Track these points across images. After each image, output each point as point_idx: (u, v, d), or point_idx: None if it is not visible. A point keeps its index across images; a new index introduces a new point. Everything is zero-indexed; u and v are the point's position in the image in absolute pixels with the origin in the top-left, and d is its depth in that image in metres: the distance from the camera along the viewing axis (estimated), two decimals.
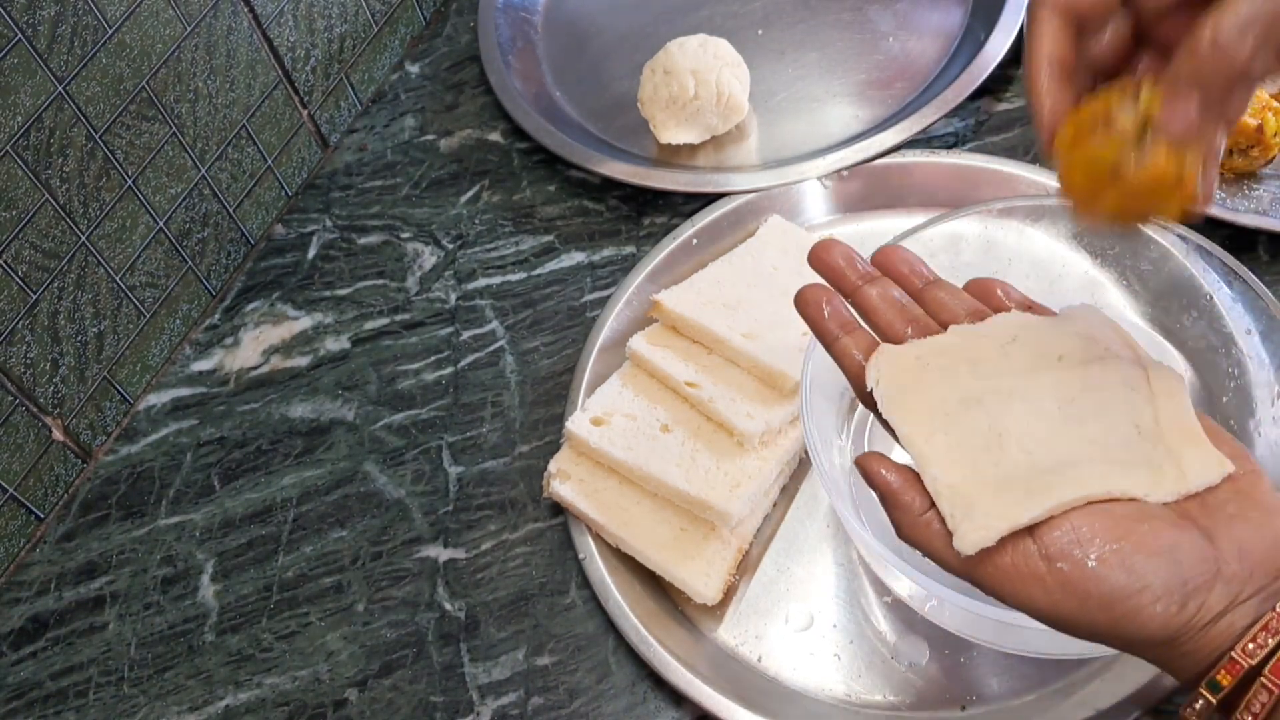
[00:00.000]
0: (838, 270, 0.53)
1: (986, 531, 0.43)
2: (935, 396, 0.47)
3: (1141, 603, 0.41)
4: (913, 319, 0.51)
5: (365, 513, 0.73)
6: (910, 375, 0.48)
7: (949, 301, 0.52)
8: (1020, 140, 0.82)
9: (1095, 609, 0.41)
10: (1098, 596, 0.41)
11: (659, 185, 0.83)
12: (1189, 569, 0.41)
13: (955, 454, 0.45)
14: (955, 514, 0.44)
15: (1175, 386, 0.47)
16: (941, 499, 0.45)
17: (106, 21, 0.71)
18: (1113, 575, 0.41)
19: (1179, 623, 0.41)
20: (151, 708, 0.68)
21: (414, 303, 0.83)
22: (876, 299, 0.52)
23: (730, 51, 0.86)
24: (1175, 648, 0.42)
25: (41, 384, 0.73)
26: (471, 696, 0.65)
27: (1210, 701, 0.41)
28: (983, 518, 0.43)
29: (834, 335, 0.52)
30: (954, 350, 0.48)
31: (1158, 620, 0.41)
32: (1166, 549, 0.42)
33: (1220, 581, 0.41)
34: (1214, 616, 0.41)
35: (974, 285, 0.53)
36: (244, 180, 0.86)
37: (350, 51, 0.94)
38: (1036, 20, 0.45)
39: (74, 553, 0.75)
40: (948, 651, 0.62)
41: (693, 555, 0.65)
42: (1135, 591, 0.41)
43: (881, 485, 0.47)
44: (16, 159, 0.68)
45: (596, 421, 0.70)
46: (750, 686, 0.62)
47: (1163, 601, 0.41)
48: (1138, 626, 0.41)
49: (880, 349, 0.49)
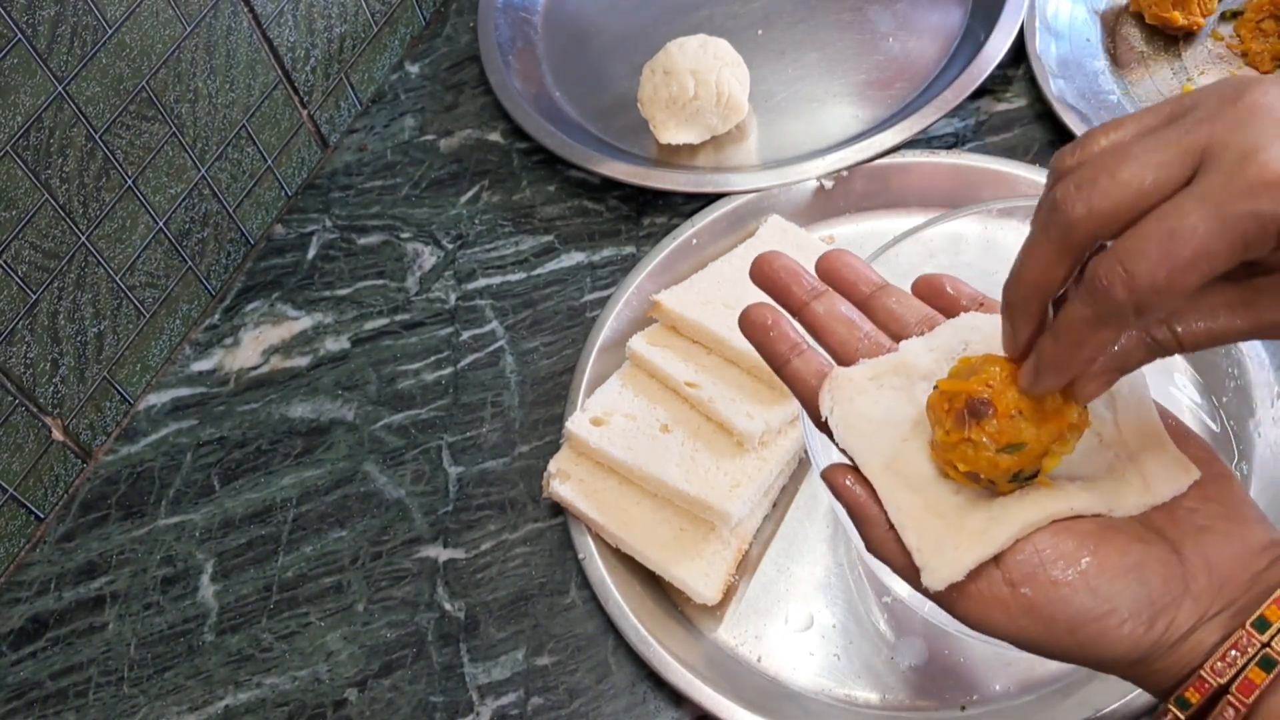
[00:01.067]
0: (782, 286, 0.51)
1: (953, 567, 0.42)
2: (891, 421, 0.46)
3: (1108, 625, 0.41)
4: (863, 334, 0.49)
5: (365, 513, 0.73)
6: (866, 399, 0.47)
7: (898, 310, 0.50)
8: (1020, 140, 0.82)
9: (1062, 633, 0.41)
10: (1063, 620, 0.41)
11: (659, 185, 0.83)
12: (1156, 588, 0.41)
13: (915, 482, 0.44)
14: (922, 549, 0.43)
15: (1136, 384, 0.46)
16: (906, 531, 0.44)
17: (106, 21, 0.71)
18: (1078, 598, 0.41)
19: (1148, 642, 0.41)
20: (151, 708, 0.68)
21: (414, 303, 0.83)
22: (825, 316, 0.50)
23: (730, 51, 0.85)
24: (1146, 666, 0.41)
25: (41, 384, 0.73)
26: (471, 696, 0.65)
27: (1179, 717, 0.41)
28: (950, 551, 0.42)
29: (783, 359, 0.49)
30: (906, 367, 0.47)
31: (1126, 641, 0.41)
32: (1133, 568, 0.41)
33: (1189, 598, 0.41)
34: (1183, 634, 0.41)
35: (921, 285, 0.51)
36: (244, 180, 0.86)
37: (350, 51, 0.94)
38: (1041, 241, 0.39)
39: (74, 553, 0.75)
40: (948, 651, 0.62)
41: (692, 555, 0.65)
42: (1102, 614, 0.41)
43: (848, 499, 0.46)
44: (16, 159, 0.68)
45: (596, 421, 0.70)
46: (750, 686, 0.62)
47: (1130, 622, 0.40)
48: (1106, 647, 0.41)
49: (833, 375, 0.48)
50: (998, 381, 0.42)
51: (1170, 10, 0.83)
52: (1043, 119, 0.82)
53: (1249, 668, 0.39)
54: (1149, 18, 0.84)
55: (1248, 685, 0.39)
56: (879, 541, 0.45)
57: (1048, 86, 0.81)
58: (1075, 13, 0.87)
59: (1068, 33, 0.86)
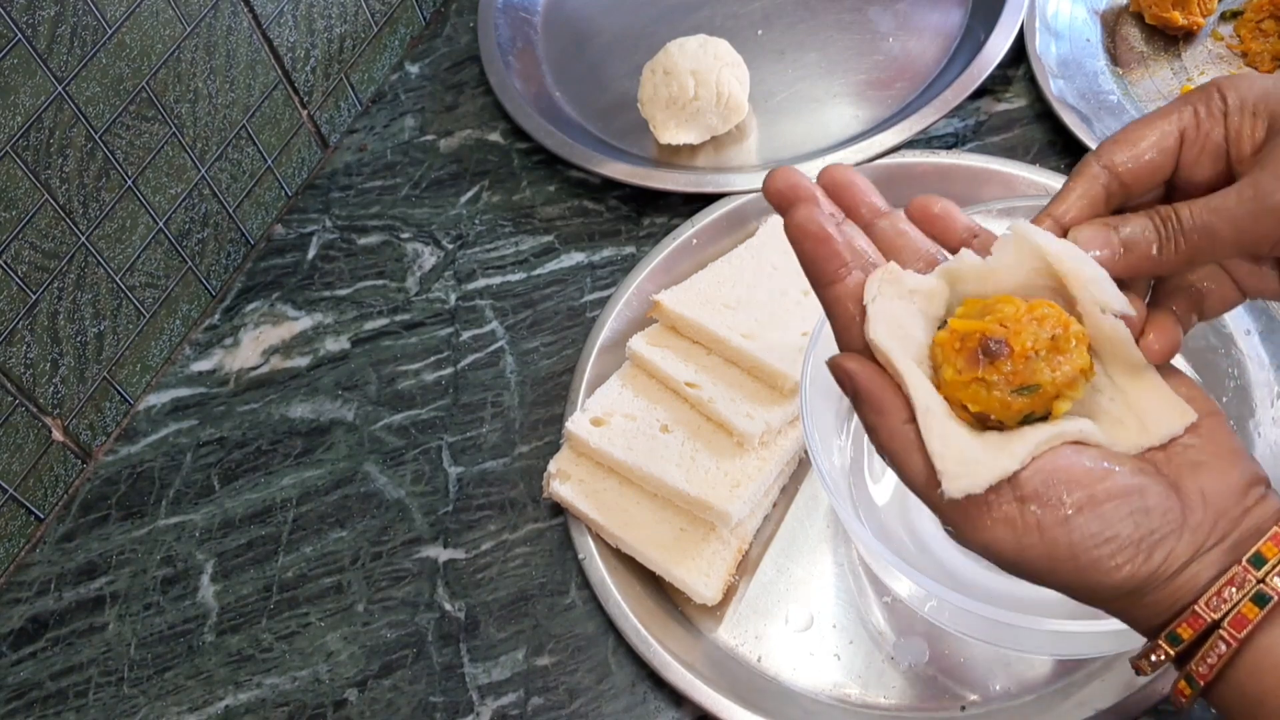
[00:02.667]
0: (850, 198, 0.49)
1: (974, 478, 0.41)
2: (918, 332, 0.45)
3: (1107, 552, 0.41)
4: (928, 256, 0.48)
5: (365, 513, 0.73)
6: (908, 304, 0.45)
7: (904, 243, 0.48)
8: (1020, 140, 0.82)
9: (1063, 557, 0.41)
10: (1065, 544, 0.41)
11: (659, 185, 0.83)
12: (1156, 519, 0.41)
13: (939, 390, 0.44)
14: (945, 454, 0.42)
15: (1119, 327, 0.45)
16: (932, 435, 0.42)
17: (106, 21, 0.71)
18: (1083, 522, 0.41)
19: (1145, 573, 0.41)
20: (151, 708, 0.68)
21: (414, 303, 0.83)
22: (891, 233, 0.48)
23: (730, 52, 0.85)
24: (1139, 598, 0.41)
25: (41, 384, 0.73)
26: (471, 696, 0.65)
27: (1168, 653, 0.41)
28: (973, 463, 0.41)
29: (829, 278, 0.46)
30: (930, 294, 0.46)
31: (1124, 571, 0.41)
32: (1135, 497, 0.41)
33: (1187, 530, 0.41)
34: (1180, 566, 0.41)
35: (916, 209, 0.50)
36: (244, 180, 0.86)
37: (350, 52, 0.94)
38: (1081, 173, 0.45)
39: (74, 553, 0.75)
40: (948, 651, 0.62)
41: (693, 555, 0.65)
42: (1103, 540, 0.41)
43: (862, 383, 0.44)
44: (16, 159, 0.68)
45: (596, 422, 0.70)
46: (750, 686, 0.62)
47: (1129, 551, 0.41)
48: (1103, 575, 0.41)
49: (888, 266, 0.46)
50: (1013, 321, 0.42)
51: (1170, 10, 0.83)
52: (1043, 119, 0.82)
53: (1242, 603, 0.40)
54: (1149, 18, 0.84)
55: (1240, 620, 0.40)
56: (892, 433, 0.43)
57: (1048, 86, 0.81)
58: (1075, 13, 0.87)
59: (1068, 33, 0.86)
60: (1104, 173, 0.45)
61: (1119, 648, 0.56)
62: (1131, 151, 0.44)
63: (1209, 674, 0.40)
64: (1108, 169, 0.44)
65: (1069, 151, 0.80)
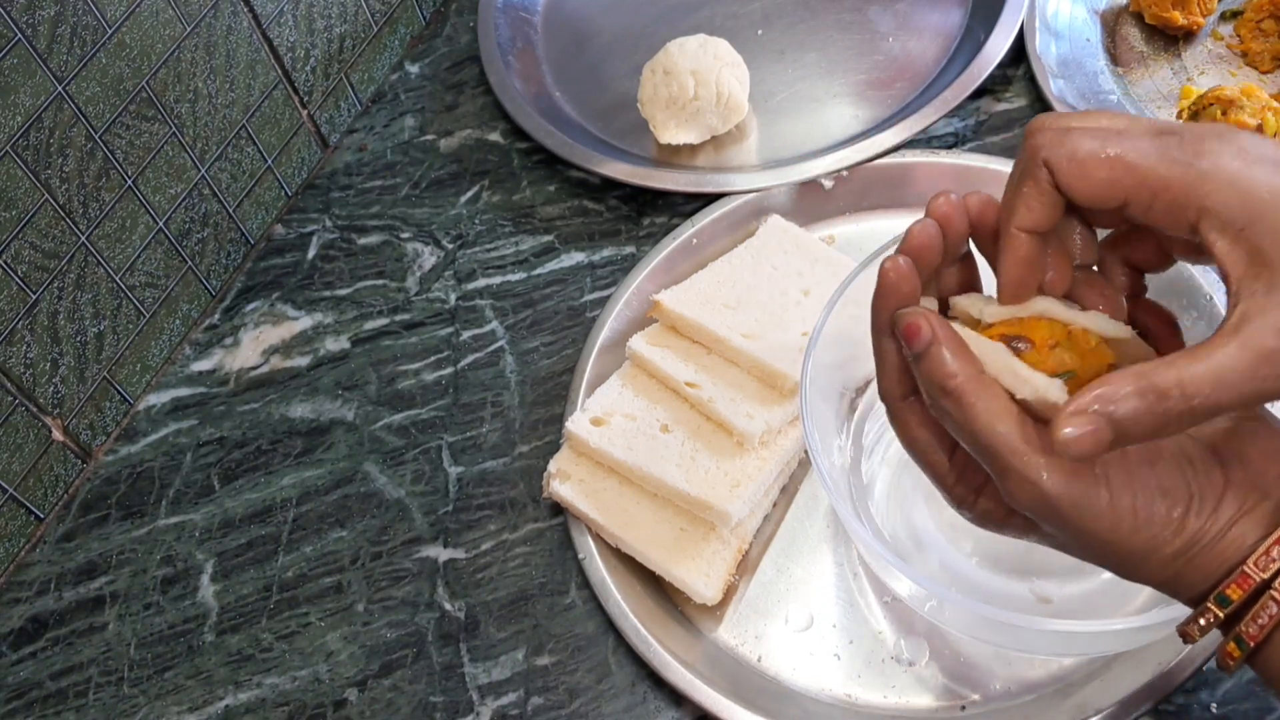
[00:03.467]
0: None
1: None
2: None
3: (1161, 508, 0.41)
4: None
5: (365, 513, 0.73)
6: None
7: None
8: (1020, 140, 0.82)
9: (1125, 509, 0.41)
10: (1128, 497, 0.41)
11: (659, 185, 0.83)
12: (1202, 476, 0.42)
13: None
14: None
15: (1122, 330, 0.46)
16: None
17: (106, 21, 0.71)
18: (1145, 476, 0.41)
19: (1191, 530, 0.41)
20: (151, 708, 0.68)
21: (414, 303, 0.83)
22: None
23: (730, 51, 0.85)
24: (1186, 560, 0.42)
25: (41, 384, 0.73)
26: (471, 696, 0.65)
27: (1218, 615, 0.41)
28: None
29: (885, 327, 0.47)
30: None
31: (1173, 526, 0.41)
32: (1183, 457, 0.42)
33: (1230, 489, 0.42)
34: (1223, 526, 0.41)
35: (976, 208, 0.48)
36: (244, 180, 0.86)
37: (350, 51, 0.94)
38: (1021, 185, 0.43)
39: (74, 553, 0.75)
40: (948, 651, 0.62)
41: (693, 555, 0.65)
42: (1160, 494, 0.41)
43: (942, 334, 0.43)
44: (16, 159, 0.68)
45: (596, 421, 0.70)
46: (750, 686, 0.62)
47: (1180, 506, 0.41)
48: (1155, 531, 0.41)
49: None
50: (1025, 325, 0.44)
51: (1170, 10, 0.83)
52: None
53: None
54: (1149, 18, 0.84)
55: None
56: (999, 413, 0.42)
57: (1048, 86, 0.81)
58: (1075, 13, 0.87)
59: (1068, 33, 0.86)
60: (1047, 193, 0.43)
61: (1119, 647, 0.56)
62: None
63: (1259, 635, 0.40)
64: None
65: None
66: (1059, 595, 0.61)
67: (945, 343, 0.43)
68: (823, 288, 0.73)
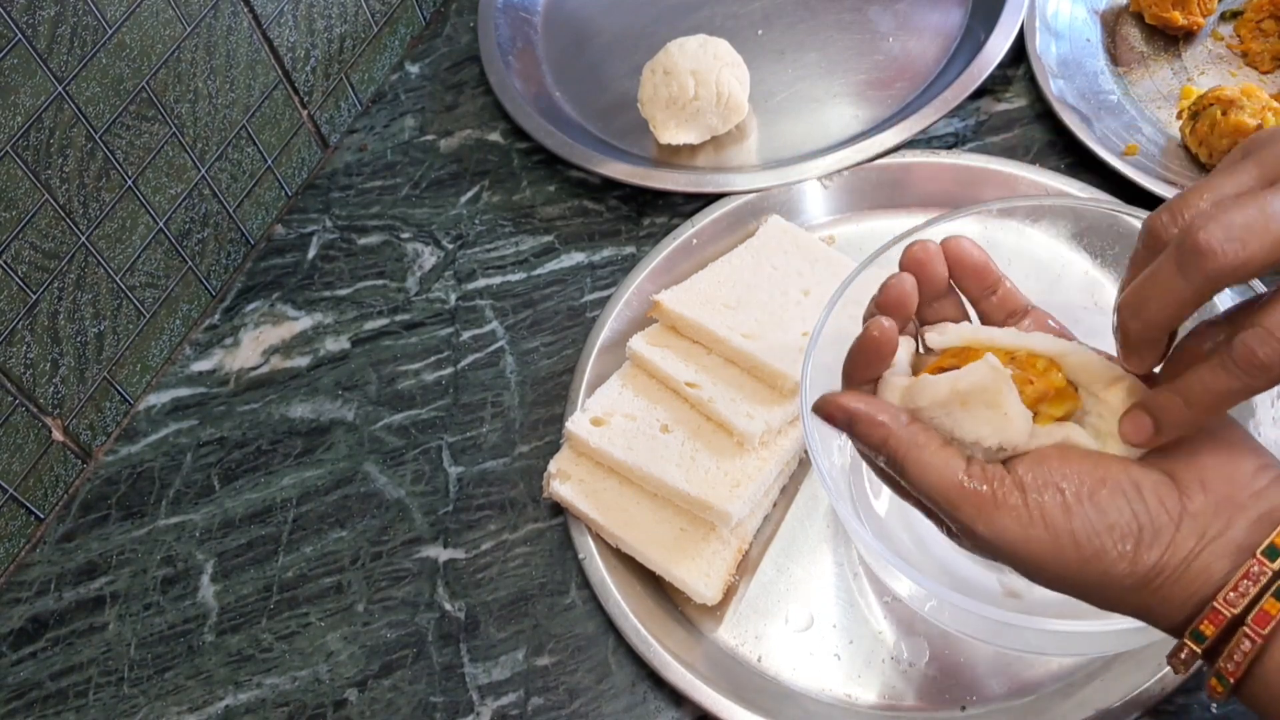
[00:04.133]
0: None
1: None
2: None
3: (1109, 542, 0.41)
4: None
5: (365, 513, 0.73)
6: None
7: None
8: (1020, 140, 0.82)
9: (1068, 546, 0.42)
10: (1068, 532, 0.42)
11: (659, 185, 0.83)
12: (1153, 506, 0.42)
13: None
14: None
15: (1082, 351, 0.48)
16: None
17: (106, 22, 0.71)
18: (1083, 511, 0.42)
19: (1147, 564, 0.41)
20: (151, 708, 0.68)
21: (414, 303, 0.83)
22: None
23: (730, 51, 0.85)
24: (1151, 593, 0.42)
25: (41, 384, 0.73)
26: (471, 696, 0.65)
27: (1195, 650, 0.41)
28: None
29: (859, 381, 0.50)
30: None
31: (1125, 560, 0.41)
32: (1131, 486, 0.42)
33: (1187, 517, 0.41)
34: (1185, 556, 0.41)
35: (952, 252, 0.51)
36: (244, 180, 0.86)
37: (350, 51, 0.94)
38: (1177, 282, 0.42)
39: (74, 553, 0.75)
40: (948, 651, 0.62)
41: (693, 555, 0.65)
42: (1104, 529, 0.41)
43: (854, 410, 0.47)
44: (16, 159, 0.68)
45: (596, 422, 0.70)
46: (750, 686, 0.62)
47: (1130, 540, 0.41)
48: (1106, 566, 0.41)
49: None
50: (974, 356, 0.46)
51: (1170, 10, 0.83)
52: (1043, 119, 0.82)
53: (1264, 598, 0.40)
54: (1149, 18, 0.84)
55: (1264, 616, 0.40)
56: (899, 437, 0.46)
57: (1048, 86, 0.81)
58: (1075, 13, 0.87)
59: (1068, 33, 0.86)
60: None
61: (1119, 647, 0.56)
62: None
63: (1237, 671, 0.40)
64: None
65: (1069, 151, 0.80)
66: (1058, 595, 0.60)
67: (864, 412, 0.46)
68: (823, 288, 0.73)
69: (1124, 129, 0.79)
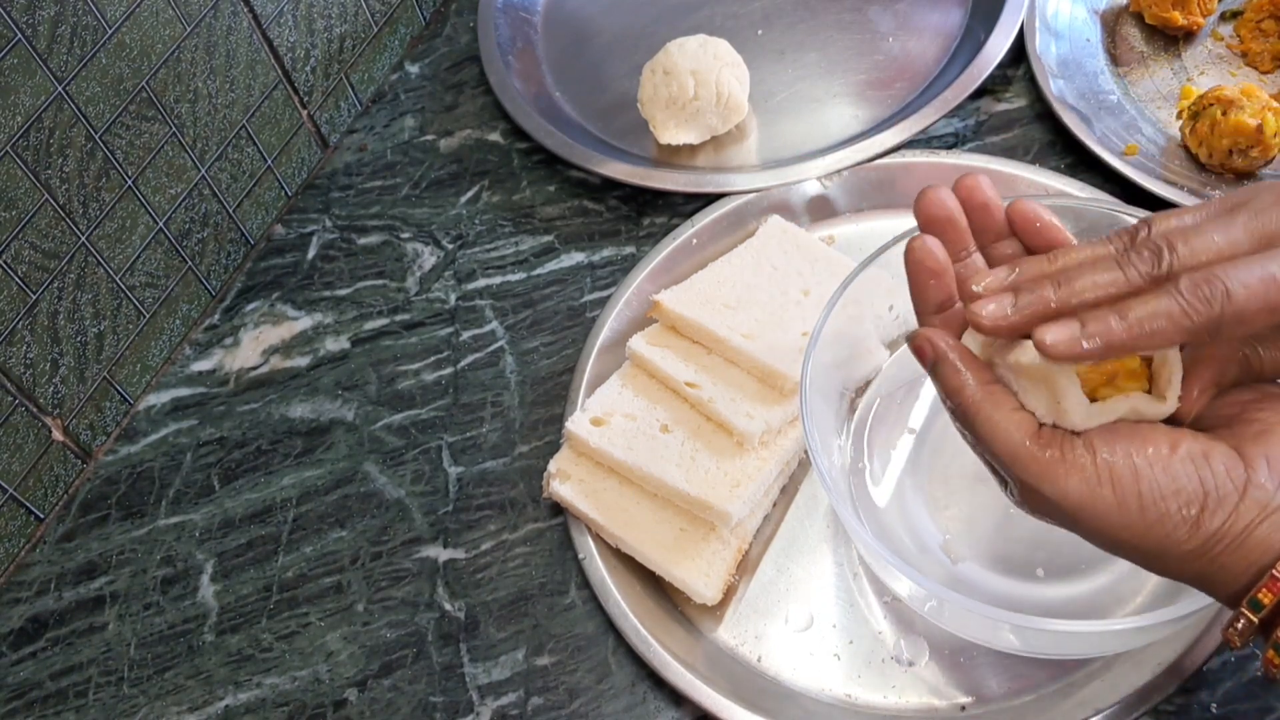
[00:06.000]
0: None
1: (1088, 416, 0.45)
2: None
3: (1172, 507, 0.42)
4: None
5: (365, 513, 0.73)
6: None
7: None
8: (1020, 140, 0.82)
9: (1133, 508, 0.42)
10: (1135, 495, 0.42)
11: (659, 185, 0.83)
12: (1220, 474, 0.42)
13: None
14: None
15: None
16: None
17: (106, 22, 0.71)
18: (1150, 473, 0.42)
19: (1209, 529, 0.42)
20: (151, 708, 0.68)
21: (414, 303, 0.83)
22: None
23: (730, 51, 0.85)
24: (1210, 560, 0.42)
25: (41, 384, 0.73)
26: (471, 696, 0.65)
27: (1252, 620, 0.42)
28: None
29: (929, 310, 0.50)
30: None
31: (1188, 525, 0.42)
32: (1197, 456, 0.43)
33: (1252, 487, 0.42)
34: (1246, 526, 0.41)
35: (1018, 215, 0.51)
36: (244, 180, 0.86)
37: (350, 51, 0.94)
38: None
39: (74, 553, 0.75)
40: (948, 651, 0.62)
41: (693, 555, 0.65)
42: (1171, 493, 0.42)
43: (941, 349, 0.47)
44: (16, 159, 0.68)
45: (596, 421, 0.70)
46: (750, 686, 0.62)
47: (1194, 505, 0.42)
48: (1169, 529, 0.42)
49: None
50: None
51: (1170, 10, 0.83)
52: (1043, 119, 0.82)
53: None
54: (1149, 18, 0.84)
55: None
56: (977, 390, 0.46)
57: (1048, 86, 0.81)
58: (1075, 13, 0.87)
59: (1068, 33, 0.86)
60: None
61: (1119, 647, 0.56)
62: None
63: None
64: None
65: (1069, 151, 0.80)
66: (1059, 596, 0.61)
67: (950, 358, 0.46)
68: (823, 288, 0.73)
69: (1124, 129, 0.79)
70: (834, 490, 0.56)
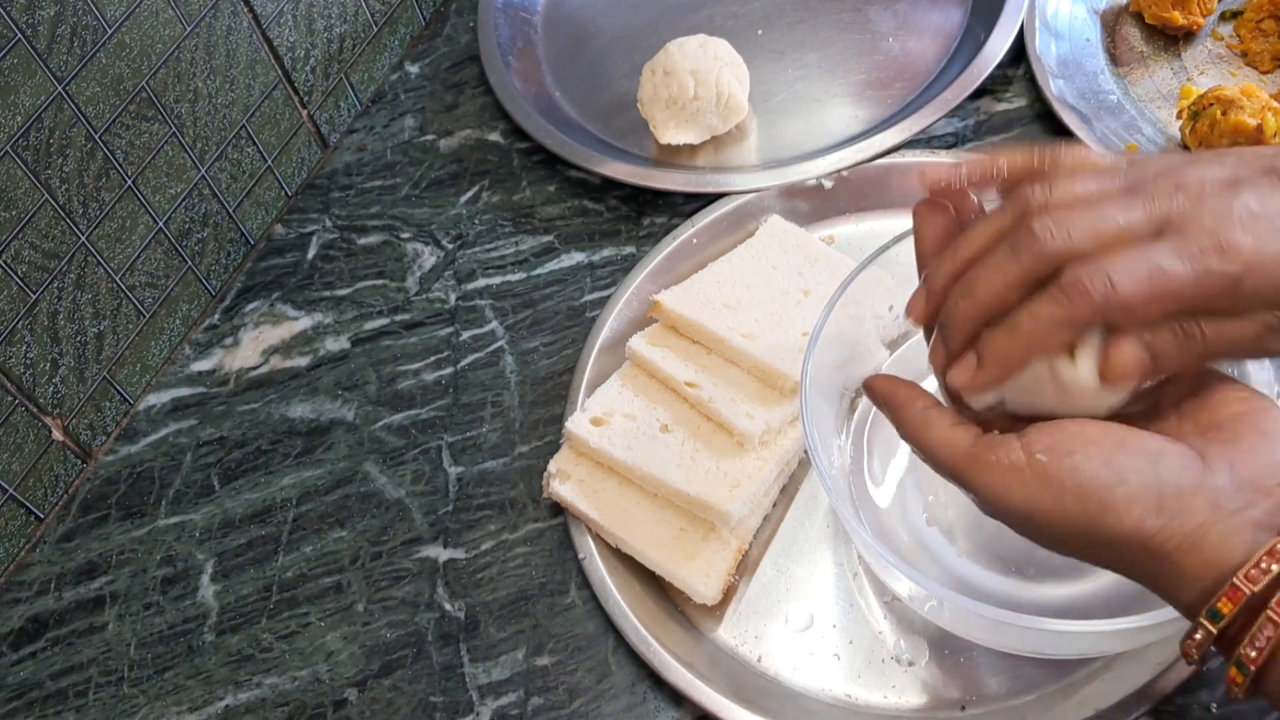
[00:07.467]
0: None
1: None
2: None
3: (1115, 496, 0.41)
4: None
5: (365, 513, 0.73)
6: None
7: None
8: (1020, 140, 0.82)
9: (1070, 501, 0.42)
10: (1072, 487, 0.42)
11: (659, 185, 0.83)
12: (1170, 474, 0.41)
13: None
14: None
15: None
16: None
17: (106, 21, 0.71)
18: (1089, 467, 0.42)
19: (1155, 524, 0.41)
20: (151, 708, 0.68)
21: (414, 303, 0.83)
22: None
23: (730, 52, 0.85)
24: (1162, 559, 0.41)
25: (41, 384, 0.73)
26: (471, 696, 0.65)
27: (1210, 631, 0.40)
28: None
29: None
30: None
31: (1133, 517, 0.41)
32: (1151, 453, 0.42)
33: (1206, 488, 0.41)
34: (1200, 524, 0.40)
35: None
36: (244, 180, 0.86)
37: (350, 51, 0.94)
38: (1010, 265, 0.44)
39: (74, 553, 0.75)
40: (948, 651, 0.62)
41: (693, 555, 0.65)
42: (1112, 485, 0.41)
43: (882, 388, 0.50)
44: (16, 159, 0.68)
45: (596, 421, 0.70)
46: (750, 686, 0.62)
47: (1139, 499, 0.41)
48: (1113, 521, 0.41)
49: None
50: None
51: (1170, 10, 0.83)
52: (1043, 119, 0.82)
53: None
54: (1149, 18, 0.84)
55: None
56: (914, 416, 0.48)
57: (1048, 86, 0.81)
58: (1075, 13, 0.87)
59: (1068, 33, 0.86)
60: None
61: (1119, 647, 0.56)
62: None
63: (1260, 659, 0.38)
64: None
65: None
66: (1059, 596, 0.61)
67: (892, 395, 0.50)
68: (823, 288, 0.73)
69: (1124, 129, 0.79)
70: (834, 490, 0.56)
